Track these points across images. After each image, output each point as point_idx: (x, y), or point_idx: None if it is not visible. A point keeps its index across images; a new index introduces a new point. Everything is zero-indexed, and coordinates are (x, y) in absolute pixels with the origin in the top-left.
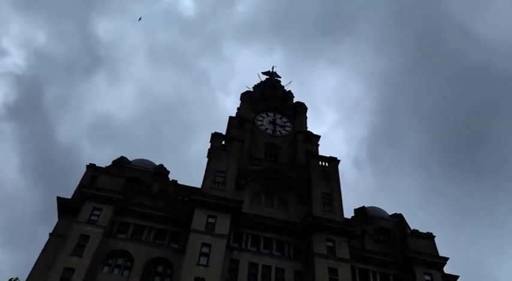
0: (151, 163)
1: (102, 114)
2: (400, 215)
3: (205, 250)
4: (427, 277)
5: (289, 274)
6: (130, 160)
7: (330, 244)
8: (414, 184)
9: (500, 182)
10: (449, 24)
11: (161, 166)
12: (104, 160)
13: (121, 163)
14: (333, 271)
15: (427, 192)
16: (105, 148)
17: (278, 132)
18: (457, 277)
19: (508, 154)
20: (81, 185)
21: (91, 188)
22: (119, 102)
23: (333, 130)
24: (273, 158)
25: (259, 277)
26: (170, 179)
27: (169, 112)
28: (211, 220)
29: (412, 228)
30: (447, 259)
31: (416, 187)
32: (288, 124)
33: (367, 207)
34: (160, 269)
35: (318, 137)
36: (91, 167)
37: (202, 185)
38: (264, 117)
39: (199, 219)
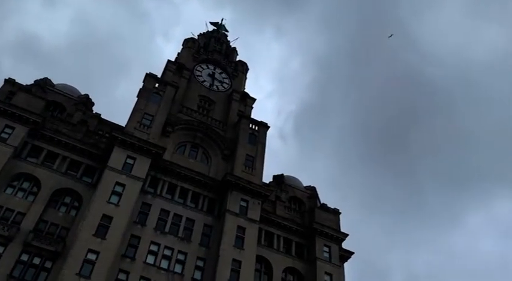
0: (77, 91)
1: (31, 34)
2: (314, 188)
3: (118, 189)
4: (325, 249)
5: (199, 226)
6: (55, 83)
7: (244, 204)
8: (331, 164)
9: (410, 180)
10: (393, 22)
11: (86, 95)
12: (25, 80)
13: (44, 84)
14: (241, 229)
15: (341, 173)
16: (29, 68)
17: (215, 87)
18: (352, 253)
19: (421, 155)
20: None
21: (6, 104)
22: (52, 26)
23: (266, 99)
24: (205, 112)
25: (168, 224)
26: (94, 112)
27: (104, 45)
28: (129, 161)
29: (322, 202)
30: (347, 235)
31: (332, 166)
32: (226, 81)
33: (286, 176)
34: (68, 200)
35: (254, 100)
36: (9, 81)
37: (126, 124)
38: (203, 69)
39: (117, 157)
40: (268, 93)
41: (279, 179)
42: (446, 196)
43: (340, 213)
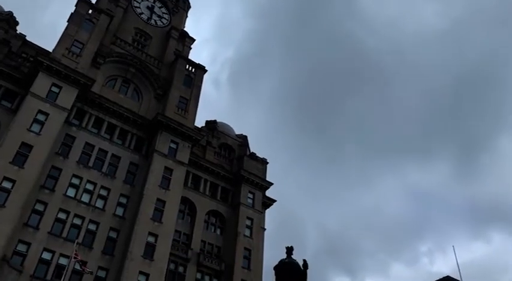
0: None
1: None
2: (245, 137)
3: (40, 117)
4: (250, 195)
5: (125, 163)
6: None
7: (173, 145)
8: (263, 116)
9: (334, 141)
10: None
11: (10, 13)
12: None
13: None
14: (168, 170)
15: (273, 125)
16: None
17: (153, 21)
18: (274, 201)
19: (348, 119)
20: None
21: None
22: None
23: (203, 43)
24: (140, 46)
25: (92, 159)
26: (18, 32)
27: None
28: (55, 89)
29: (251, 151)
30: (271, 184)
31: (265, 118)
32: (166, 16)
33: (218, 122)
34: None
35: (193, 40)
36: None
37: (54, 50)
38: (142, 0)
39: (41, 84)
40: (206, 38)
41: (211, 124)
42: (363, 159)
43: (267, 163)
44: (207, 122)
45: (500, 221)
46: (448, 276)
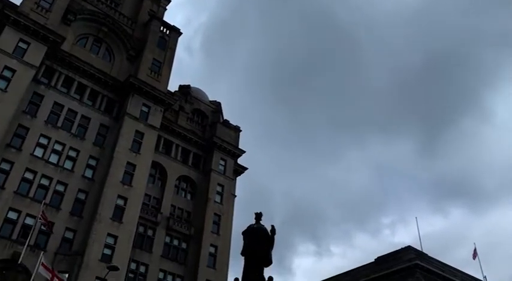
0: None
1: None
2: (219, 103)
3: (7, 74)
4: (221, 162)
5: (95, 125)
6: None
7: (145, 109)
8: (238, 83)
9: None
10: None
11: None
12: None
13: None
14: (139, 134)
15: (247, 95)
16: None
17: None
18: (246, 168)
19: (318, 93)
20: None
21: None
22: None
23: (178, 6)
24: (113, 5)
25: (61, 119)
26: None
27: None
28: (22, 45)
29: (224, 118)
30: (243, 152)
31: (240, 85)
32: None
33: (192, 87)
34: None
35: (168, 1)
36: None
37: (21, 3)
38: None
39: (8, 39)
40: (180, 1)
41: (185, 89)
42: (332, 134)
43: (240, 131)
44: (181, 87)
45: (460, 197)
46: (409, 246)
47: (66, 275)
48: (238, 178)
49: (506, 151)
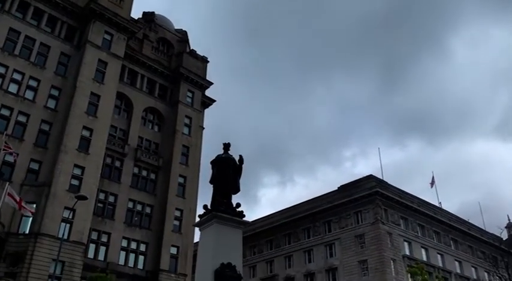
0: None
1: None
2: (185, 32)
3: None
4: (189, 94)
5: (55, 53)
6: None
7: (108, 37)
8: (205, 13)
9: (273, 55)
10: None
11: None
12: None
13: None
14: (102, 63)
15: (216, 27)
16: None
17: None
18: (214, 101)
19: (292, 41)
20: None
21: None
22: None
23: None
24: None
25: (18, 46)
26: None
27: None
28: None
29: (192, 48)
30: (211, 83)
31: (206, 16)
32: None
33: (157, 14)
34: None
35: None
36: None
37: None
38: None
39: None
40: None
41: (149, 16)
42: (297, 73)
43: (208, 62)
44: (144, 14)
45: (420, 131)
46: (371, 175)
47: (34, 206)
48: (206, 110)
49: (464, 88)
